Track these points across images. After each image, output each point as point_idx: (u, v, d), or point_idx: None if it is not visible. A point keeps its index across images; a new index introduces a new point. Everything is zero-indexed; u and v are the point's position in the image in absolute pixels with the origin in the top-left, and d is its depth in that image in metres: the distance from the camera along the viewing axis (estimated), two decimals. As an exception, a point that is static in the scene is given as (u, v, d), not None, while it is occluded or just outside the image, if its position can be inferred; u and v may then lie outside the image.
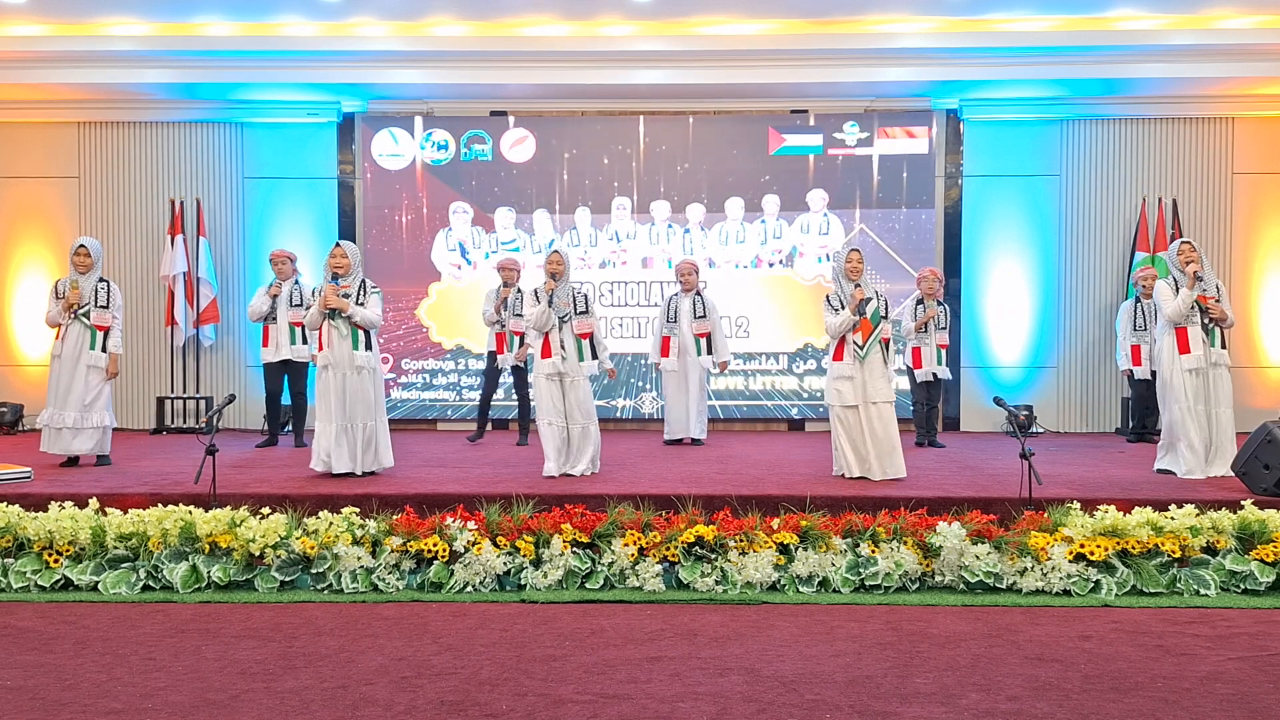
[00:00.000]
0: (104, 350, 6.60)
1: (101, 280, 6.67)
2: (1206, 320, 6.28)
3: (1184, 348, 6.29)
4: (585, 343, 6.34)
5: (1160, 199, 9.57)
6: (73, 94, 9.39)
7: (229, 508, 4.96)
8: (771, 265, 9.74)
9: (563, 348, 6.24)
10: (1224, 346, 6.34)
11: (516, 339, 7.95)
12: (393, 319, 9.73)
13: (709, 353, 8.17)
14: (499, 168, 9.78)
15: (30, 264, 9.83)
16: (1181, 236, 9.44)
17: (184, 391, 9.74)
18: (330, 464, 6.11)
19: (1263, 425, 5.54)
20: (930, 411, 8.30)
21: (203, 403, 9.61)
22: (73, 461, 6.68)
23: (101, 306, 6.60)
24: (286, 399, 8.32)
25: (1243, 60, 8.76)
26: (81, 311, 6.56)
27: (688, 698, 3.20)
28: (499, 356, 8.12)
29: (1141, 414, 8.68)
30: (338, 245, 6.25)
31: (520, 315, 7.69)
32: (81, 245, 6.63)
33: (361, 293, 6.23)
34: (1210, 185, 9.63)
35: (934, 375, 8.15)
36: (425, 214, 9.80)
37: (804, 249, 9.70)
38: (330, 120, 9.75)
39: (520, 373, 8.13)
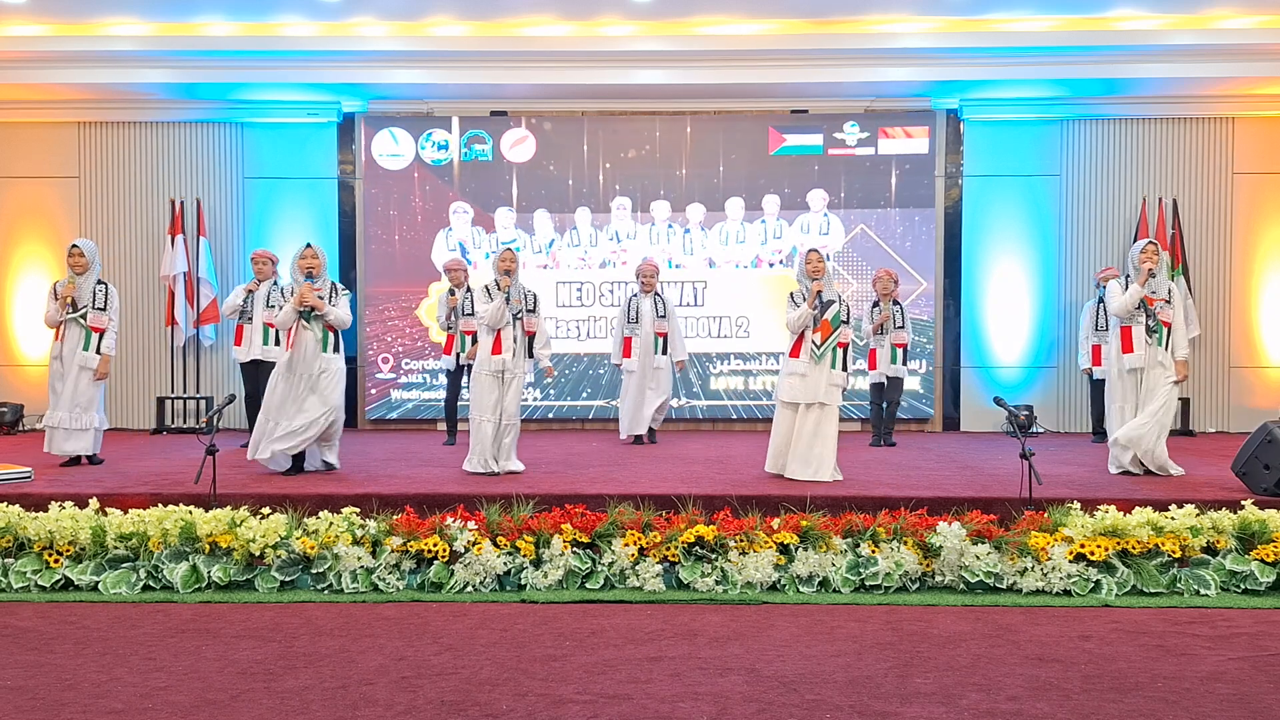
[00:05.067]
0: (97, 351, 6.62)
1: (100, 283, 6.70)
2: (1152, 322, 6.28)
3: (1127, 347, 6.32)
4: (527, 340, 6.43)
5: (1160, 199, 9.57)
6: (73, 94, 9.39)
7: (229, 508, 4.96)
8: (771, 265, 9.74)
9: (514, 344, 6.31)
10: (1167, 348, 6.31)
11: (469, 339, 7.71)
12: (393, 319, 9.74)
13: (664, 352, 8.20)
14: (499, 168, 9.78)
15: (30, 264, 9.83)
16: (1181, 236, 9.47)
17: (184, 391, 9.74)
18: (275, 462, 6.20)
19: (1263, 425, 5.54)
20: (890, 410, 8.29)
21: (203, 403, 9.61)
22: (74, 461, 6.69)
23: (99, 309, 6.63)
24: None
25: (1243, 60, 8.76)
26: (79, 313, 6.58)
27: (688, 698, 3.20)
28: (445, 357, 8.09)
29: (1100, 414, 8.68)
30: (308, 246, 6.33)
31: (470, 315, 7.62)
32: (75, 246, 6.65)
33: (333, 294, 6.31)
34: (1210, 185, 9.63)
35: (886, 378, 8.16)
36: (425, 214, 9.80)
37: (804, 249, 9.67)
38: (330, 120, 9.75)
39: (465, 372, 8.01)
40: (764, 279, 9.74)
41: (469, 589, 4.58)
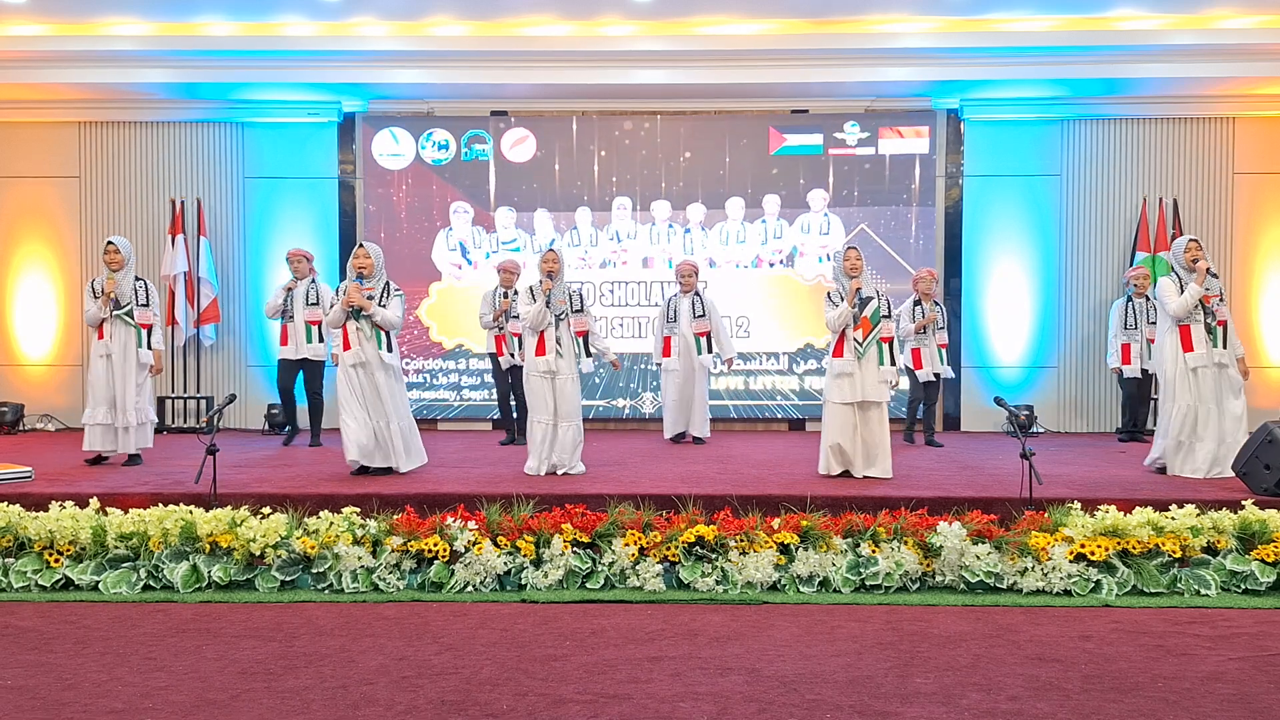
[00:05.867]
0: (149, 347, 6.70)
1: (138, 279, 6.76)
2: (1210, 320, 6.27)
3: (1187, 346, 6.28)
4: (581, 340, 6.42)
5: (1161, 199, 9.56)
6: (73, 94, 9.39)
7: (229, 507, 4.96)
8: (772, 265, 9.74)
9: (558, 345, 6.30)
10: (1224, 346, 6.32)
11: (517, 340, 7.91)
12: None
13: (709, 351, 8.22)
14: (499, 167, 9.78)
15: (31, 264, 9.83)
16: (1183, 236, 9.46)
17: (184, 391, 9.74)
18: (369, 457, 6.23)
19: (1263, 425, 5.54)
20: (928, 411, 8.34)
21: (203, 402, 9.61)
22: (100, 460, 6.72)
23: (143, 305, 6.69)
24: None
25: (1243, 60, 8.76)
26: (124, 310, 6.62)
27: (688, 698, 3.20)
28: (499, 358, 8.11)
29: (1133, 412, 8.70)
30: (361, 246, 6.36)
31: (518, 316, 7.74)
32: (110, 243, 6.71)
33: (385, 294, 6.30)
34: (1211, 185, 9.63)
35: (935, 375, 8.19)
36: (426, 214, 9.80)
37: (804, 249, 9.69)
38: (331, 120, 9.75)
39: (520, 372, 8.09)
40: (764, 279, 9.73)
41: (469, 589, 4.59)
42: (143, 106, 9.69)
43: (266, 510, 4.88)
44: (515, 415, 8.20)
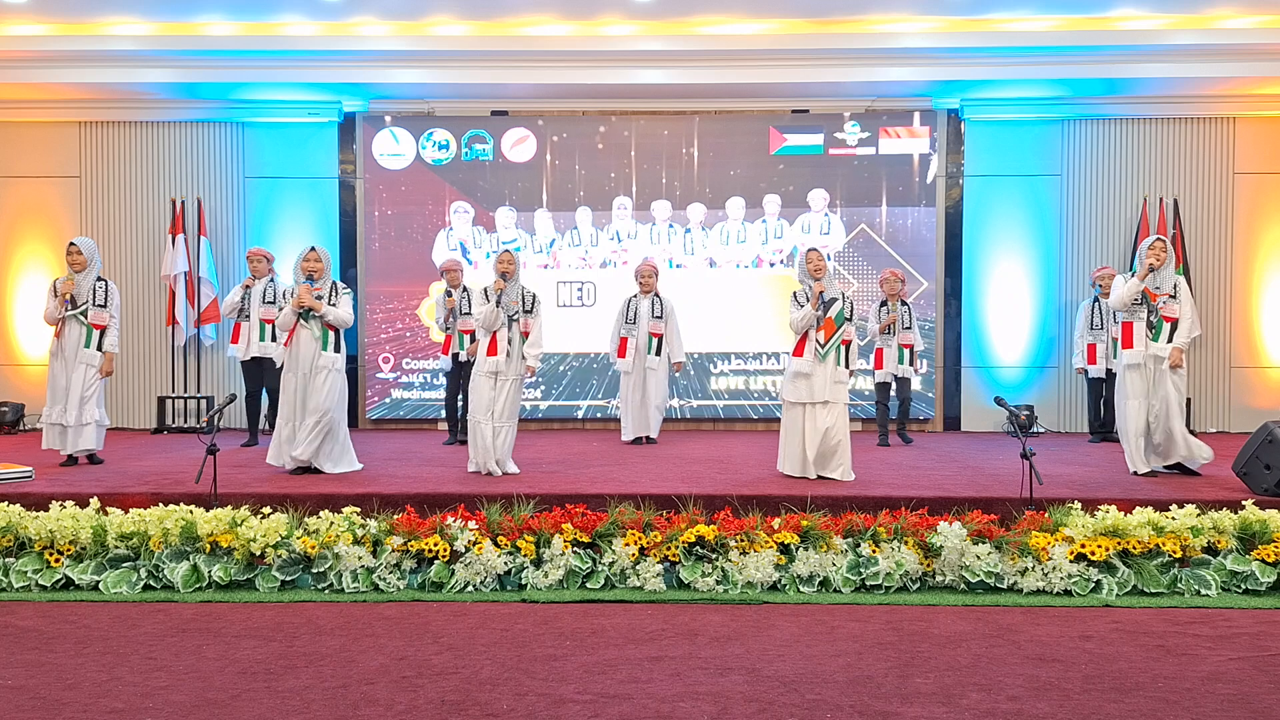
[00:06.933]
0: (99, 349, 6.64)
1: (99, 280, 6.71)
2: (1153, 317, 6.24)
3: (1127, 342, 6.27)
4: (524, 341, 6.40)
5: (1161, 199, 9.56)
6: (73, 94, 9.40)
7: (230, 507, 4.96)
8: (772, 265, 9.74)
9: (509, 346, 6.29)
10: (1169, 341, 6.19)
11: (466, 337, 7.85)
12: (393, 319, 9.74)
13: (658, 354, 8.17)
14: (500, 167, 9.78)
15: (31, 264, 9.83)
16: (1182, 236, 9.47)
17: (185, 391, 9.74)
18: (285, 461, 6.27)
19: (1263, 425, 5.54)
20: (901, 407, 8.35)
21: (203, 402, 9.62)
22: (71, 461, 6.69)
23: (99, 306, 6.64)
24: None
25: (1244, 60, 8.76)
26: (79, 310, 6.59)
27: (688, 697, 3.20)
28: (444, 357, 8.10)
29: (1097, 412, 8.70)
30: (311, 249, 6.36)
31: (468, 314, 7.78)
32: (73, 244, 6.66)
33: (333, 294, 6.31)
34: (1212, 185, 9.62)
35: (894, 376, 8.18)
36: (426, 213, 9.80)
37: (804, 249, 9.67)
38: (331, 120, 9.75)
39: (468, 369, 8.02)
40: (765, 279, 9.73)
41: (469, 589, 4.59)
42: (143, 106, 9.69)
43: (267, 510, 4.89)
44: (461, 415, 8.10)
